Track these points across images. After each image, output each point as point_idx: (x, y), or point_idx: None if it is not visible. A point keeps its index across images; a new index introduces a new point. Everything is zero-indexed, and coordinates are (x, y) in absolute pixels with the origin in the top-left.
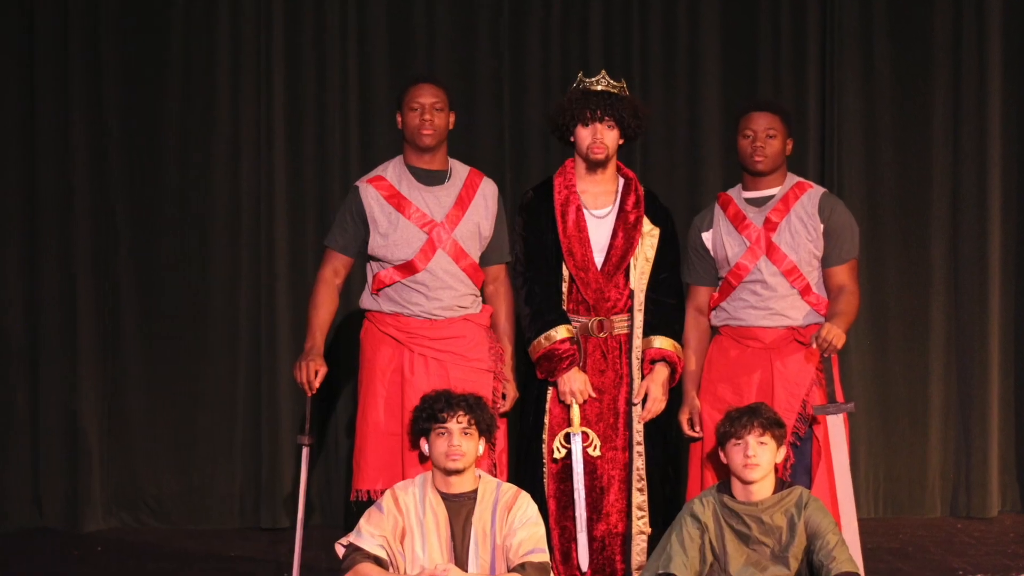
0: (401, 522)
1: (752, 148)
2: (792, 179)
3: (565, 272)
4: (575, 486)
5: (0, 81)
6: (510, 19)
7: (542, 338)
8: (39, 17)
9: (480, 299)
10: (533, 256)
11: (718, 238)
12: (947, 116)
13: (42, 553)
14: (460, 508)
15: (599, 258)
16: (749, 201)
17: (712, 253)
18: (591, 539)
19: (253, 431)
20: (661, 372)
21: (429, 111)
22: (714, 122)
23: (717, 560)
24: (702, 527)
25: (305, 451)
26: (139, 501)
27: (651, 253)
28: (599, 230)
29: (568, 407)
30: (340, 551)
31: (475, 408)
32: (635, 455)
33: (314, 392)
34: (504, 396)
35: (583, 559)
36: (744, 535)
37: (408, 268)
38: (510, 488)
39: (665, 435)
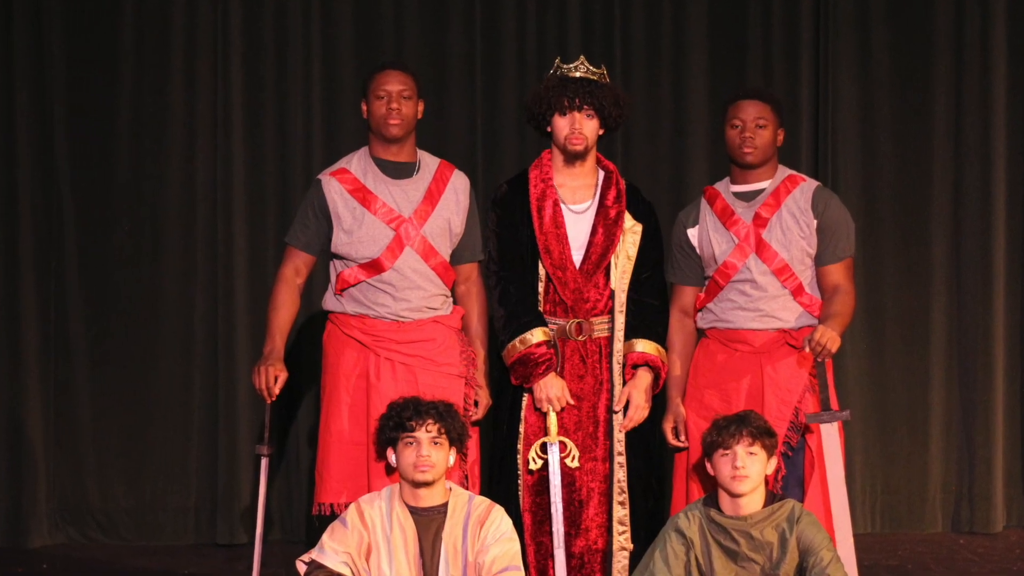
0: (366, 538)
1: (741, 139)
2: (783, 172)
3: (541, 271)
4: (552, 499)
5: None
6: (483, 1)
7: (517, 341)
8: None
9: (451, 300)
10: (507, 254)
11: (704, 235)
12: (949, 106)
13: None
14: (429, 523)
15: (578, 256)
16: (738, 195)
17: (698, 251)
18: (569, 556)
19: (209, 440)
20: (644, 378)
21: (396, 99)
22: (700, 111)
23: None
24: (687, 543)
25: (264, 462)
26: (87, 515)
27: (633, 251)
28: (578, 226)
29: (545, 415)
30: (301, 568)
31: (445, 416)
32: (616, 466)
33: (274, 399)
34: (476, 403)
35: None
36: (732, 551)
37: (374, 267)
38: (483, 501)
39: (648, 445)
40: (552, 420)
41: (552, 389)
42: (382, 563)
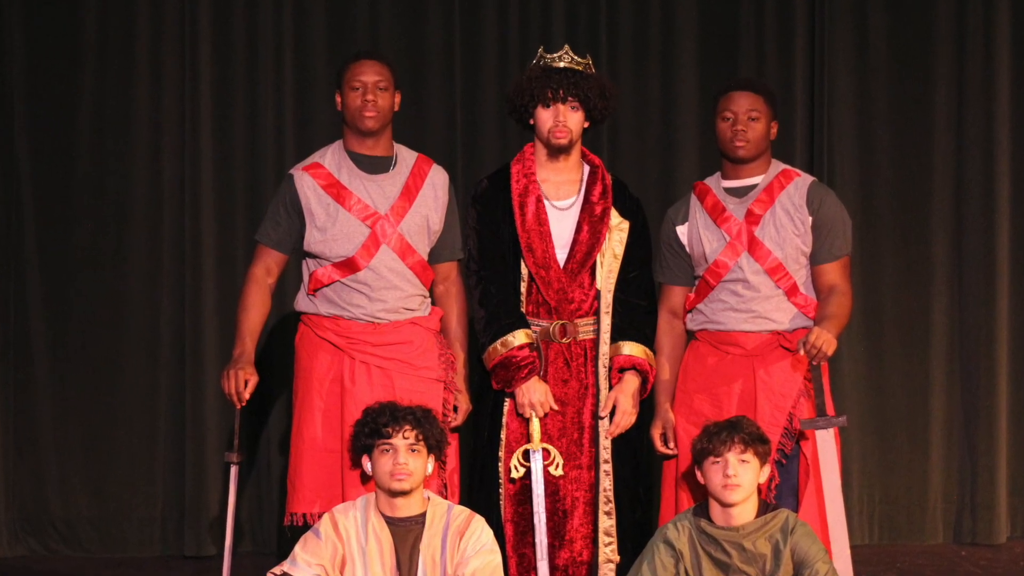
0: (341, 549)
1: (732, 132)
2: (777, 167)
3: (524, 270)
4: (535, 509)
5: None
6: None
7: (498, 344)
8: None
9: (429, 300)
10: (488, 252)
11: (694, 232)
12: (950, 97)
13: None
14: (407, 533)
15: (562, 255)
16: (729, 191)
17: (688, 249)
18: (553, 568)
19: (176, 448)
20: (631, 382)
21: (372, 91)
22: (690, 103)
23: None
24: (676, 555)
25: (233, 470)
26: (48, 526)
27: (620, 249)
28: (562, 223)
29: (527, 421)
30: None
31: (423, 422)
32: (602, 474)
33: (244, 404)
34: (456, 409)
35: None
36: (723, 564)
37: (348, 266)
38: (462, 511)
39: (635, 452)
40: (535, 426)
41: (535, 394)
42: None
